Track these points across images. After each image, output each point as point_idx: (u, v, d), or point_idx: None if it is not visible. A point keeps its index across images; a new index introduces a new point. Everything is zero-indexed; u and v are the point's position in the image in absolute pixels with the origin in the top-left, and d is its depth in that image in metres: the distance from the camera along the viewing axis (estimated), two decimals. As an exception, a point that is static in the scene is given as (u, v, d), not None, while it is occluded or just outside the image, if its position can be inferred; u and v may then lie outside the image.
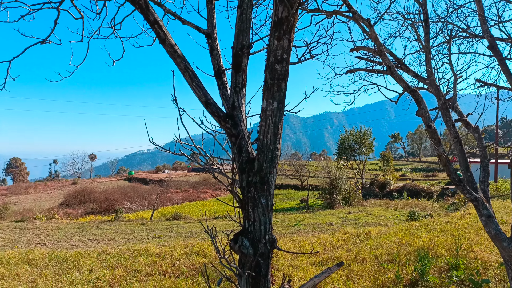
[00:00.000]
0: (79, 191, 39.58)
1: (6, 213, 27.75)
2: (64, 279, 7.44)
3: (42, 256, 9.20)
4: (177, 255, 9.36)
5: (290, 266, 8.20)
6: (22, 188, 57.71)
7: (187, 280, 7.33)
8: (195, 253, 9.61)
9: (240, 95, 2.91)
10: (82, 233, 16.76)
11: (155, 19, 2.51)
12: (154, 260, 8.93)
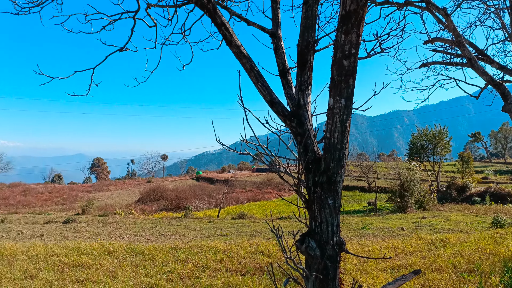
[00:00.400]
0: (153, 189, 42.40)
1: (90, 208, 30.78)
2: (140, 271, 8.00)
3: (121, 248, 10.01)
4: (243, 254, 9.54)
5: (358, 271, 7.89)
6: (104, 185, 63.55)
7: (253, 278, 7.43)
8: (260, 252, 9.71)
9: (306, 93, 2.86)
10: (156, 228, 17.91)
11: (222, 21, 2.57)
12: (221, 257, 9.21)
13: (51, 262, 8.51)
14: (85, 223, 20.15)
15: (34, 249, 9.74)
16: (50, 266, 8.21)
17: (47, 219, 22.92)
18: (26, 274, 7.69)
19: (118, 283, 7.02)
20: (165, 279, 7.41)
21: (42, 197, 49.63)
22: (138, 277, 7.52)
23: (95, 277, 7.42)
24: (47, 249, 9.74)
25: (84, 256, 9.03)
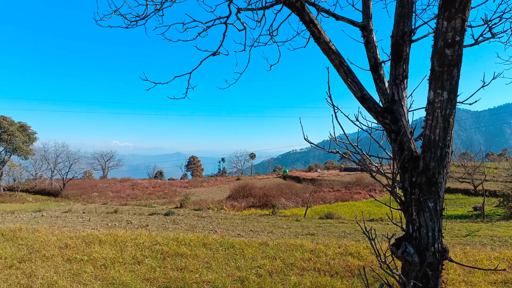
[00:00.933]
0: (242, 186, 44.13)
1: (187, 203, 33.29)
2: (232, 263, 8.40)
3: (214, 241, 10.64)
4: (331, 254, 9.35)
5: (463, 282, 7.11)
6: (198, 182, 68.20)
7: (343, 281, 7.23)
8: (350, 254, 9.40)
9: (401, 87, 2.67)
10: (245, 224, 18.60)
11: (310, 18, 2.55)
12: (309, 256, 9.16)
13: (155, 250, 9.45)
14: (183, 216, 21.90)
15: (141, 237, 10.92)
16: (154, 254, 9.12)
17: (151, 211, 25.52)
18: (134, 260, 8.67)
19: (212, 274, 7.48)
20: (255, 273, 7.65)
21: (147, 191, 55.36)
22: (230, 270, 7.90)
23: (192, 267, 8.02)
24: (151, 238, 10.85)
25: (182, 246, 9.82)
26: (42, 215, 22.40)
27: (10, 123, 60.63)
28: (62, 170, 59.90)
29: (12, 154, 61.61)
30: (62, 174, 59.45)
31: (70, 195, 51.92)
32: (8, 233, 11.50)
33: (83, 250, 9.48)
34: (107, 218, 20.57)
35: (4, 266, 8.21)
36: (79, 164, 62.22)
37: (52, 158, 61.59)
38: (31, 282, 7.03)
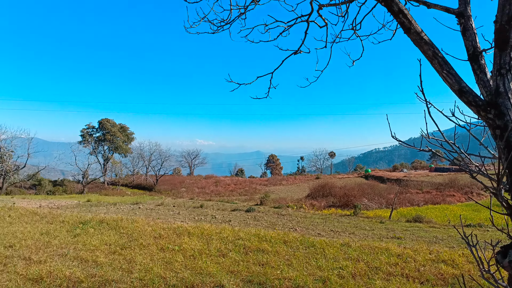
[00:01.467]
0: (321, 185, 43.48)
1: (267, 200, 33.92)
2: (313, 263, 8.35)
3: (294, 239, 10.69)
4: (421, 260, 8.70)
5: None
6: (277, 180, 69.01)
7: (434, 289, 6.69)
8: (443, 262, 8.64)
9: (507, 78, 2.38)
10: (325, 223, 18.31)
11: (400, 8, 2.41)
12: (395, 260, 8.67)
13: (238, 245, 9.84)
14: (263, 213, 22.40)
15: (225, 232, 11.47)
16: (237, 248, 9.51)
17: (233, 207, 26.60)
18: (219, 252, 9.14)
19: (293, 271, 7.53)
20: (337, 274, 7.50)
21: (229, 188, 57.80)
22: (311, 269, 7.86)
23: (273, 263, 8.17)
24: (234, 233, 11.32)
25: (263, 243, 10.07)
26: (139, 207, 24.86)
27: (112, 124, 68.38)
28: (155, 167, 65.68)
29: (114, 152, 69.43)
30: (155, 170, 65.16)
31: (162, 190, 56.68)
32: (111, 223, 13.01)
33: (174, 240, 10.30)
34: (194, 212, 22.01)
35: (109, 251, 9.31)
36: (169, 162, 67.62)
37: (146, 156, 67.92)
38: (131, 267, 7.86)
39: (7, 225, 12.91)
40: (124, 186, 63.98)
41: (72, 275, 7.17)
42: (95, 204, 27.74)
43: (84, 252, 9.11)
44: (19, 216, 14.99)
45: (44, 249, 9.51)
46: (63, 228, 12.23)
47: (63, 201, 30.67)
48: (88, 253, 9.01)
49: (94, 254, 8.92)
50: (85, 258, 8.57)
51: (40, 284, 6.67)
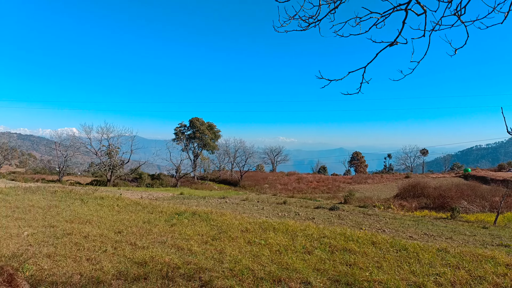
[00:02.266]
0: (412, 185, 40.53)
1: (351, 199, 32.80)
2: (405, 267, 7.84)
3: (384, 241, 10.15)
4: (537, 273, 7.57)
5: None
6: (362, 178, 66.28)
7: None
8: None
9: None
10: (418, 226, 17.04)
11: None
12: (504, 271, 7.67)
13: (323, 243, 9.72)
14: (348, 212, 21.74)
15: (309, 229, 11.42)
16: (322, 246, 9.40)
17: (316, 204, 26.33)
18: (304, 249, 9.13)
19: (383, 275, 7.17)
20: (433, 281, 6.93)
21: (311, 185, 57.37)
22: (404, 273, 7.39)
23: (361, 264, 7.89)
24: (319, 231, 11.21)
25: (350, 242, 9.77)
26: (225, 201, 26.12)
27: (201, 123, 72.93)
28: (239, 163, 68.27)
29: (203, 149, 73.97)
30: (240, 166, 67.71)
31: (246, 185, 58.70)
32: (203, 215, 13.90)
33: (260, 235, 10.59)
34: (277, 208, 22.35)
35: (202, 241, 9.97)
36: (253, 158, 69.64)
37: (232, 153, 70.93)
38: (221, 258, 8.31)
39: (116, 213, 14.66)
40: (211, 181, 67.85)
41: (170, 261, 7.86)
42: (187, 197, 29.95)
43: (180, 241, 9.90)
44: (125, 205, 16.91)
45: (147, 236, 10.58)
46: (162, 218, 13.45)
47: (160, 193, 33.74)
48: (183, 242, 9.77)
49: (189, 243, 9.63)
50: (181, 246, 9.31)
51: (144, 268, 7.45)
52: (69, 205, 16.53)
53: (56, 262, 7.77)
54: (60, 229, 11.15)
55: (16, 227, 11.36)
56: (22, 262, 7.56)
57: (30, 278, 6.73)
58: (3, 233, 10.36)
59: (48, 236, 10.20)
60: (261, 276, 6.95)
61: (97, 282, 6.63)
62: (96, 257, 8.30)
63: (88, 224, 12.15)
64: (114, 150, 54.90)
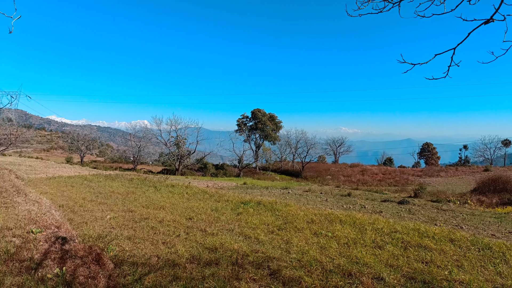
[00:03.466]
0: (492, 179, 36.87)
1: (422, 193, 30.83)
2: (490, 267, 7.16)
3: (463, 238, 9.37)
4: None
5: None
6: (434, 171, 61.94)
7: None
8: None
9: None
10: (501, 224, 15.47)
11: None
12: None
13: (395, 238, 9.26)
14: (419, 206, 20.47)
15: (379, 223, 10.95)
16: (394, 241, 8.95)
17: (383, 197, 25.20)
18: (374, 244, 8.78)
19: (465, 274, 6.62)
20: (525, 285, 6.24)
21: (377, 177, 55.10)
22: (488, 274, 6.76)
23: (439, 262, 7.37)
24: (389, 225, 10.70)
25: (425, 239, 9.18)
26: (288, 192, 26.16)
27: (263, 114, 73.58)
28: (301, 154, 67.86)
29: (264, 140, 74.72)
30: (301, 157, 67.31)
31: (308, 176, 58.27)
32: (267, 205, 14.05)
33: (327, 227, 10.42)
34: (341, 200, 21.82)
35: (268, 231, 10.08)
36: (314, 149, 68.77)
37: (293, 144, 70.73)
38: (288, 248, 8.33)
39: (186, 201, 15.46)
40: (273, 172, 68.40)
41: (239, 248, 8.07)
42: (250, 187, 30.56)
43: (247, 229, 10.13)
44: (193, 193, 17.75)
45: (215, 223, 10.99)
46: (228, 207, 13.88)
47: (224, 183, 34.89)
48: (250, 230, 9.98)
49: (255, 232, 9.81)
50: (248, 235, 9.52)
51: (215, 253, 7.74)
52: (144, 191, 17.80)
53: (136, 244, 8.41)
54: (137, 213, 12.05)
55: (100, 211, 12.51)
56: (106, 243, 8.30)
57: (113, 258, 7.35)
58: (89, 216, 11.47)
59: (127, 220, 11.08)
60: (329, 268, 6.83)
61: (173, 265, 7.03)
62: (170, 241, 8.82)
63: (162, 210, 12.96)
64: (181, 141, 57.88)
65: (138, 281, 6.20)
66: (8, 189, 13.25)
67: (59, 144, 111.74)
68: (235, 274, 6.53)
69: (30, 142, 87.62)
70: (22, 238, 7.16)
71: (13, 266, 5.85)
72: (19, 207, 10.08)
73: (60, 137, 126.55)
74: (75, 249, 6.78)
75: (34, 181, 20.40)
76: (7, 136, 56.03)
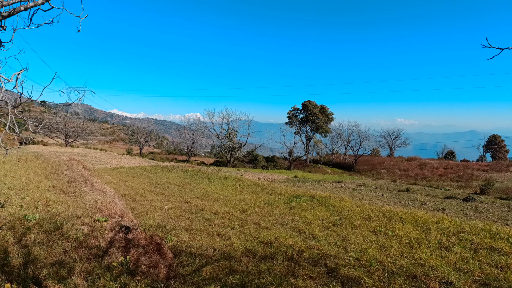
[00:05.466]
0: None
1: (490, 189, 28.40)
2: None
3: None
4: None
5: None
6: (502, 165, 56.83)
7: None
8: None
9: None
10: None
11: None
12: None
13: (463, 239, 8.55)
14: (487, 204, 18.85)
15: (444, 222, 10.19)
16: (462, 243, 8.27)
17: (446, 194, 23.58)
18: (440, 245, 8.17)
19: (549, 284, 5.91)
20: None
21: (437, 172, 51.86)
22: None
23: (516, 267, 6.67)
24: (456, 225, 9.91)
25: (498, 241, 8.36)
26: (341, 186, 25.47)
27: (314, 106, 72.42)
28: (354, 147, 65.87)
29: (315, 132, 73.53)
30: (354, 150, 65.33)
31: (361, 170, 56.44)
32: (321, 199, 13.74)
33: (386, 224, 9.91)
34: (399, 196, 20.76)
35: (322, 226, 9.84)
36: (368, 142, 66.33)
37: (345, 136, 68.83)
38: (345, 245, 8.04)
39: (238, 193, 15.63)
40: (324, 165, 67.15)
41: (294, 244, 7.94)
42: (301, 180, 30.24)
43: (301, 224, 9.97)
44: (246, 186, 17.91)
45: (268, 217, 10.96)
46: (281, 200, 13.80)
47: (275, 175, 34.87)
48: (304, 225, 9.81)
49: (309, 227, 9.62)
50: (302, 230, 9.35)
51: (270, 248, 7.69)
52: (198, 183, 18.31)
53: (193, 235, 8.62)
54: (193, 204, 12.40)
55: (158, 201, 13.06)
56: (166, 233, 8.60)
57: (172, 248, 7.59)
58: (149, 206, 12.01)
59: (184, 211, 11.43)
60: (391, 269, 6.46)
61: (229, 257, 7.09)
62: (225, 233, 8.93)
63: (216, 202, 13.22)
64: (233, 133, 58.84)
65: (196, 272, 6.32)
66: (76, 179, 14.31)
67: (121, 136, 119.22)
68: (291, 270, 6.42)
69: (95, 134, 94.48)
70: (89, 226, 7.65)
71: (82, 253, 6.25)
72: (87, 196, 10.81)
73: (121, 129, 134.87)
74: (138, 238, 7.09)
75: (99, 171, 21.89)
76: (75, 129, 60.87)
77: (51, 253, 6.26)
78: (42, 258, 6.01)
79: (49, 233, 7.11)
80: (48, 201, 9.72)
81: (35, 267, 5.66)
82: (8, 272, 5.26)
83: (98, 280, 5.49)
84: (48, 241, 6.74)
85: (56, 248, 6.45)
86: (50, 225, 7.45)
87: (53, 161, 21.26)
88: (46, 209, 8.97)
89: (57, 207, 9.24)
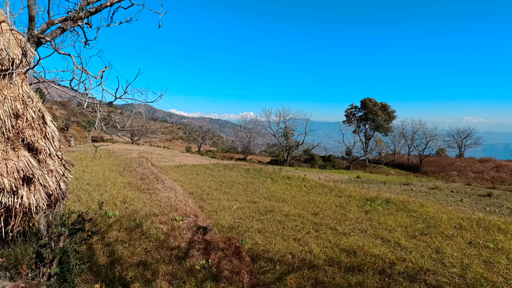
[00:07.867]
0: None
1: None
2: None
3: None
4: None
5: None
6: None
7: None
8: None
9: None
10: None
11: None
12: None
13: None
14: None
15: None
16: None
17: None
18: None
19: None
20: None
21: (518, 175, 46.74)
22: None
23: None
24: None
25: None
26: (411, 188, 23.69)
27: (373, 103, 69.26)
28: (418, 147, 61.88)
29: (375, 131, 70.30)
30: (419, 150, 61.35)
31: (428, 172, 52.79)
32: (398, 203, 12.64)
33: (484, 236, 8.69)
34: (481, 202, 18.69)
35: (408, 235, 8.89)
36: (435, 142, 61.94)
37: (409, 135, 64.88)
38: (441, 258, 7.10)
39: (305, 194, 15.01)
40: (385, 165, 63.84)
41: (382, 254, 7.17)
42: (365, 181, 28.75)
43: (382, 231, 9.11)
44: (311, 186, 17.22)
45: (344, 221, 10.21)
46: (352, 203, 12.92)
47: (335, 175, 33.62)
48: (386, 233, 8.95)
49: (393, 235, 8.74)
50: (386, 238, 8.51)
51: (355, 257, 6.99)
52: (262, 182, 17.99)
53: (267, 239, 8.19)
54: (261, 205, 12.02)
55: (226, 200, 12.88)
56: (240, 234, 8.27)
57: (248, 251, 7.21)
58: (217, 205, 11.85)
59: (253, 211, 11.09)
60: (510, 292, 5.48)
61: (311, 266, 6.54)
62: (301, 237, 8.39)
63: (283, 203, 12.73)
64: (290, 132, 58.17)
65: (280, 280, 5.86)
66: (148, 176, 14.67)
67: (179, 134, 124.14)
68: (386, 285, 5.71)
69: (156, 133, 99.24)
70: (167, 225, 7.54)
71: (164, 254, 6.08)
72: (160, 194, 10.91)
73: (180, 128, 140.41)
74: (216, 241, 6.81)
75: (165, 168, 22.53)
76: (139, 128, 64.28)
77: (134, 252, 6.18)
78: (126, 257, 5.93)
79: (130, 231, 7.10)
80: (126, 198, 9.91)
81: (121, 267, 5.57)
82: (96, 272, 5.20)
83: (183, 284, 5.24)
84: (129, 239, 6.70)
85: (138, 247, 6.37)
86: (130, 222, 7.45)
87: (124, 158, 22.24)
88: (124, 205, 9.11)
89: (135, 204, 9.36)
